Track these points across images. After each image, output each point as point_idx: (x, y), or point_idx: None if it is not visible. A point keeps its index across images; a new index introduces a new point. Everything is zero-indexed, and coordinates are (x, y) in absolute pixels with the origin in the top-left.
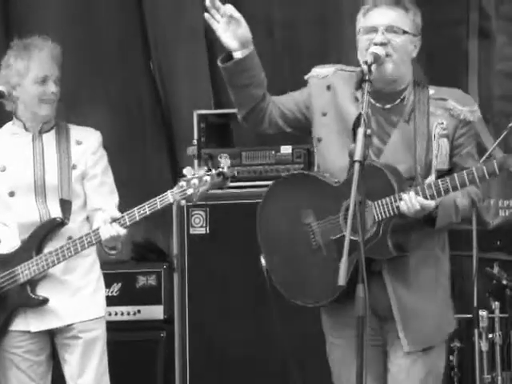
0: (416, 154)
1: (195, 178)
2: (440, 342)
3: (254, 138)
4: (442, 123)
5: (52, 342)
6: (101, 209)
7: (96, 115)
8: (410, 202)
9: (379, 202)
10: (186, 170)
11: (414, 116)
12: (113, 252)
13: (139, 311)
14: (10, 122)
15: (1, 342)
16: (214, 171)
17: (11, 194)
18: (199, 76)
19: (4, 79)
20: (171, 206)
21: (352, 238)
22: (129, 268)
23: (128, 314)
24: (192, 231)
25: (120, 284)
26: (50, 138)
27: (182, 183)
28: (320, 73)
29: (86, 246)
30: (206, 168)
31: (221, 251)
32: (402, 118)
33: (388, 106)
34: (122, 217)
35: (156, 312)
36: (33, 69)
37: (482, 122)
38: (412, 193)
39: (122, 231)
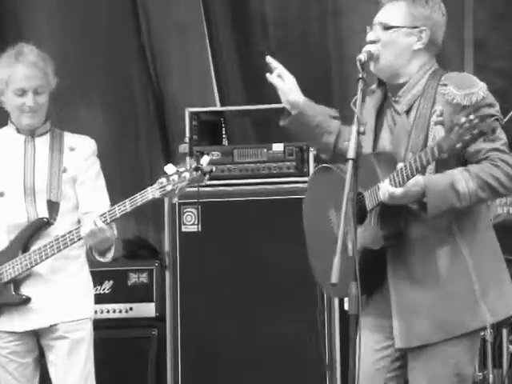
0: (410, 141)
1: (174, 174)
2: (441, 339)
3: (245, 135)
4: (436, 110)
5: (39, 343)
6: (90, 212)
7: (88, 114)
8: (384, 190)
9: (369, 191)
10: (167, 168)
11: (419, 105)
12: (101, 259)
13: (131, 309)
14: (7, 126)
15: None
16: (192, 166)
17: (1, 195)
18: (191, 72)
19: None
20: (163, 204)
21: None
22: (120, 265)
23: (120, 311)
24: (184, 229)
25: (112, 281)
26: (42, 142)
27: (162, 179)
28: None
29: (69, 243)
30: (186, 165)
31: (212, 249)
32: (403, 108)
33: (396, 98)
34: (103, 214)
35: (148, 309)
36: (13, 81)
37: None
38: (386, 180)
39: (101, 224)
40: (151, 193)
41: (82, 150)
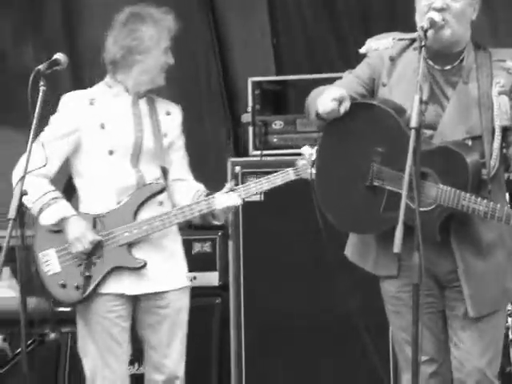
0: (481, 114)
1: (305, 159)
2: (505, 305)
3: None
4: (499, 82)
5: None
6: (182, 179)
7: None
8: None
9: (447, 188)
10: (304, 149)
11: (477, 78)
12: (215, 222)
13: (195, 278)
14: (103, 83)
15: (93, 304)
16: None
17: (110, 153)
18: (253, 42)
19: (123, 42)
20: (226, 173)
21: (408, 202)
22: (184, 235)
23: None
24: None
25: None
26: (144, 104)
27: (303, 162)
28: (379, 46)
29: (196, 213)
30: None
31: (275, 218)
32: (461, 79)
33: (447, 67)
34: (238, 188)
35: (211, 278)
36: (163, 39)
37: None
38: None
39: (239, 201)
40: (293, 173)
41: (176, 115)
